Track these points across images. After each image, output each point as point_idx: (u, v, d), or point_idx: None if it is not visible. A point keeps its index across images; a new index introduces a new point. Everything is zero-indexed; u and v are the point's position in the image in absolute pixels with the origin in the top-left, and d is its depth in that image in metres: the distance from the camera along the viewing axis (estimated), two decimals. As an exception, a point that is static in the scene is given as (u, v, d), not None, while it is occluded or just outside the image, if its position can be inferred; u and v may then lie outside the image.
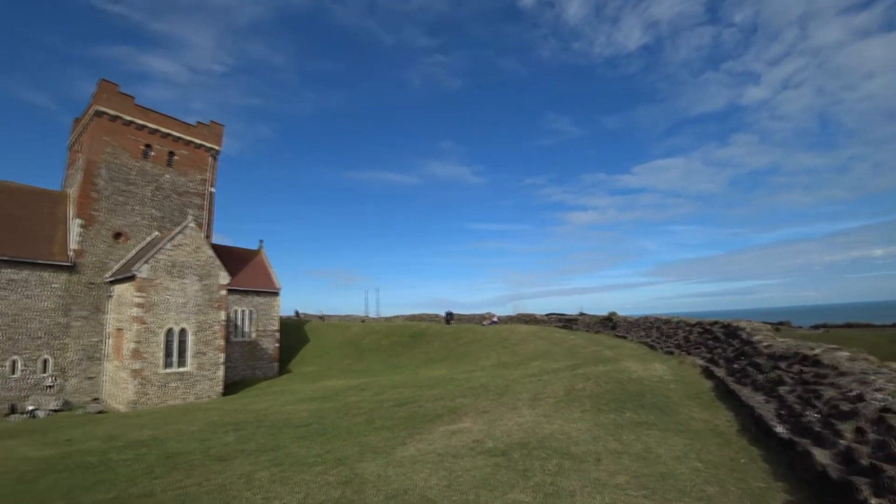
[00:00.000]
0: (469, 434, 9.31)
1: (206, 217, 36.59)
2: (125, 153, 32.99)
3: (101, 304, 30.89)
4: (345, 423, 12.41)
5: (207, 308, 28.28)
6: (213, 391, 27.90)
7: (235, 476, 7.83)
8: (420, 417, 11.80)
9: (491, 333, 35.68)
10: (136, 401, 25.10)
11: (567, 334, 33.32)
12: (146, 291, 25.99)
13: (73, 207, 31.80)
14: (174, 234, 27.75)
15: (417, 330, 40.50)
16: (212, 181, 37.65)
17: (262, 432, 12.53)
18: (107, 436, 15.05)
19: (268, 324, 38.40)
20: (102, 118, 32.21)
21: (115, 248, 31.86)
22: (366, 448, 8.92)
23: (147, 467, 9.66)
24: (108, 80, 32.81)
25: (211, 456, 10.03)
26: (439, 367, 28.88)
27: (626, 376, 15.46)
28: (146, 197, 33.73)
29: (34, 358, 28.37)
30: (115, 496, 7.48)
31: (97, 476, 9.25)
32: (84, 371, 30.13)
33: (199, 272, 28.18)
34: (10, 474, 10.10)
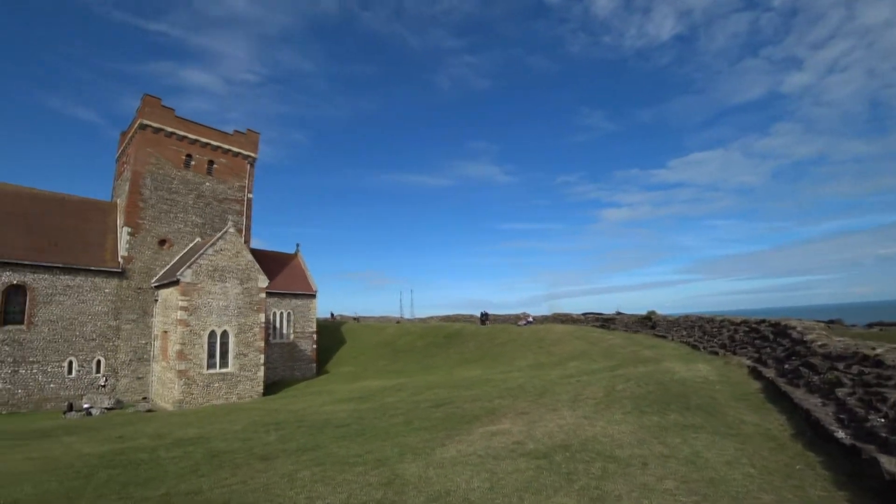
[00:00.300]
0: (509, 436, 9.18)
1: (245, 222, 37.66)
2: (168, 163, 34.36)
3: (149, 308, 32.25)
4: (383, 424, 12.47)
5: (248, 311, 29.06)
6: (254, 391, 28.63)
7: (278, 475, 7.96)
8: (458, 418, 11.73)
9: (527, 334, 35.35)
10: (181, 400, 26.00)
11: (605, 334, 32.67)
12: (190, 295, 26.91)
13: (121, 216, 33.35)
14: (215, 240, 28.64)
15: (452, 331, 40.52)
16: (249, 187, 38.72)
17: (303, 432, 12.72)
18: (155, 434, 15.60)
19: (305, 325, 39.17)
20: (146, 131, 33.64)
21: (161, 254, 33.22)
22: (405, 449, 8.92)
23: (194, 465, 9.92)
24: (151, 95, 34.31)
25: (254, 455, 10.23)
26: (475, 367, 28.77)
27: (669, 377, 14.99)
28: (188, 204, 35.03)
29: (89, 359, 29.88)
30: (164, 493, 7.70)
31: (148, 473, 9.56)
32: (134, 371, 31.49)
33: (239, 276, 29.00)
34: (69, 469, 10.55)
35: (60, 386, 28.70)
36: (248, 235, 37.82)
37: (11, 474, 10.50)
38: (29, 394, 27.68)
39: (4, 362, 27.16)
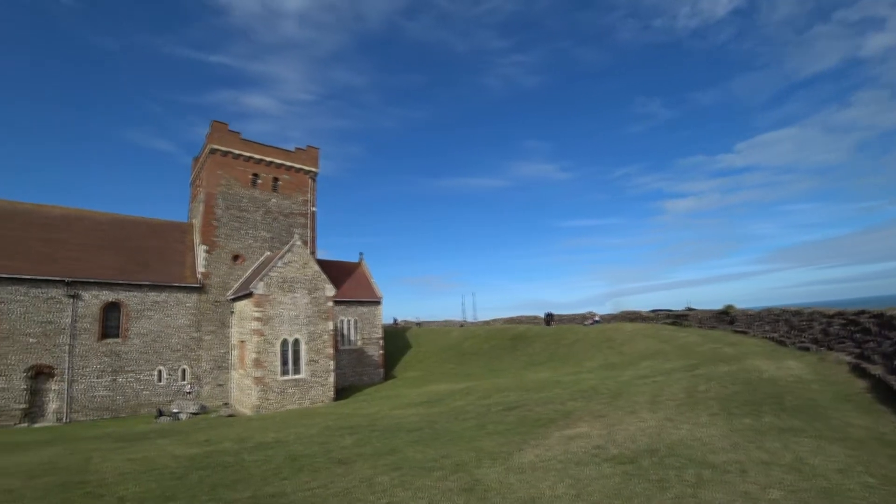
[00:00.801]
0: (588, 439, 8.83)
1: (310, 234, 39.11)
2: (237, 183, 36.38)
3: (226, 320, 34.18)
4: (456, 428, 12.39)
5: (317, 319, 30.07)
6: (326, 396, 29.53)
7: (358, 479, 8.04)
8: (532, 422, 11.46)
9: (594, 333, 34.31)
10: (259, 405, 27.24)
11: (677, 331, 31.12)
12: (263, 306, 28.20)
13: (198, 235, 35.64)
14: (283, 253, 29.88)
15: (517, 332, 40.04)
16: (312, 201, 40.19)
17: (377, 436, 12.88)
18: (238, 437, 16.35)
19: (372, 332, 40.03)
20: (216, 154, 35.81)
21: (234, 268, 35.17)
22: (482, 453, 8.77)
23: (276, 468, 10.26)
24: (219, 121, 36.51)
25: (332, 459, 10.45)
26: (543, 369, 28.23)
27: (756, 376, 13.98)
28: (257, 221, 36.89)
29: (175, 368, 32.07)
30: (251, 495, 7.97)
31: (235, 475, 9.98)
32: (215, 379, 33.44)
33: (307, 286, 30.08)
34: (165, 470, 11.24)
35: (152, 392, 30.99)
36: (314, 247, 39.21)
37: (118, 474, 11.34)
38: (126, 400, 30.09)
39: (105, 372, 29.73)
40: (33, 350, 27.76)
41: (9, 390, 26.80)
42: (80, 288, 29.53)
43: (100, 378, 29.49)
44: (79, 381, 28.85)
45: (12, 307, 27.51)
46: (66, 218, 33.13)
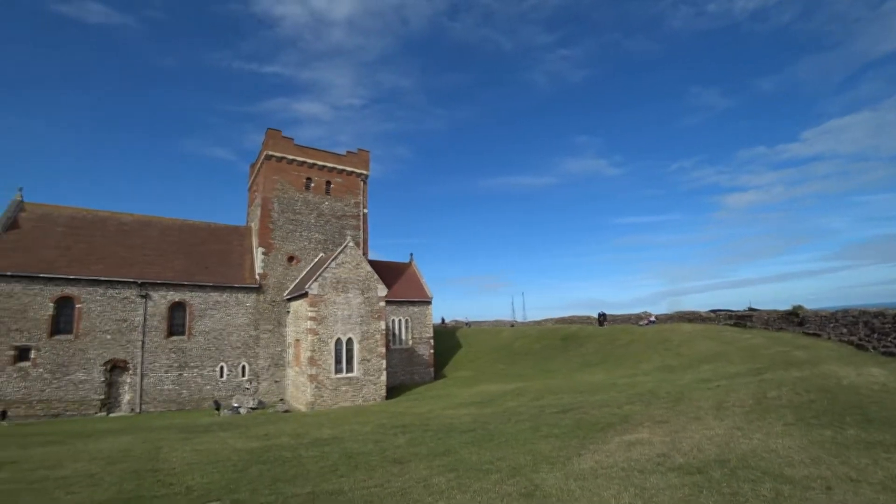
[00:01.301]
0: (650, 446, 8.44)
1: (362, 236, 39.90)
2: (291, 187, 37.64)
3: (282, 319, 35.40)
4: (510, 430, 12.21)
5: (369, 319, 30.61)
6: (378, 395, 29.98)
7: (413, 480, 8.04)
8: (589, 425, 11.11)
9: (650, 334, 33.09)
10: (313, 402, 28.00)
11: (740, 333, 29.51)
12: (317, 306, 28.98)
13: (255, 238, 37.14)
14: (337, 254, 30.61)
15: (569, 332, 39.22)
16: (364, 203, 40.98)
17: (430, 436, 12.89)
18: (294, 433, 16.81)
19: (422, 331, 40.34)
20: (271, 160, 37.20)
21: (290, 269, 36.39)
22: (538, 457, 8.57)
23: (332, 465, 10.44)
24: (273, 129, 37.92)
25: (387, 458, 10.52)
26: (596, 370, 27.48)
27: (835, 383, 12.97)
28: (311, 223, 38.01)
29: (235, 364, 33.52)
30: (310, 491, 8.13)
31: (293, 470, 10.24)
32: (272, 375, 34.70)
33: (360, 286, 30.68)
34: (227, 462, 11.70)
35: (214, 388, 32.56)
36: (366, 248, 39.96)
37: (185, 464, 11.92)
38: (191, 394, 31.76)
39: (172, 367, 31.52)
40: (110, 346, 29.86)
41: (89, 382, 28.97)
42: (150, 289, 31.47)
43: (167, 372, 31.31)
44: (149, 375, 30.75)
45: (92, 307, 29.69)
46: (138, 224, 35.41)
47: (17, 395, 27.11)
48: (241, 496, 8.03)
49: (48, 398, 27.85)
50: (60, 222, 32.36)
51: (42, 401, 27.68)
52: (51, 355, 28.29)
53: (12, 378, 27.17)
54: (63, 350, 28.66)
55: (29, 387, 27.46)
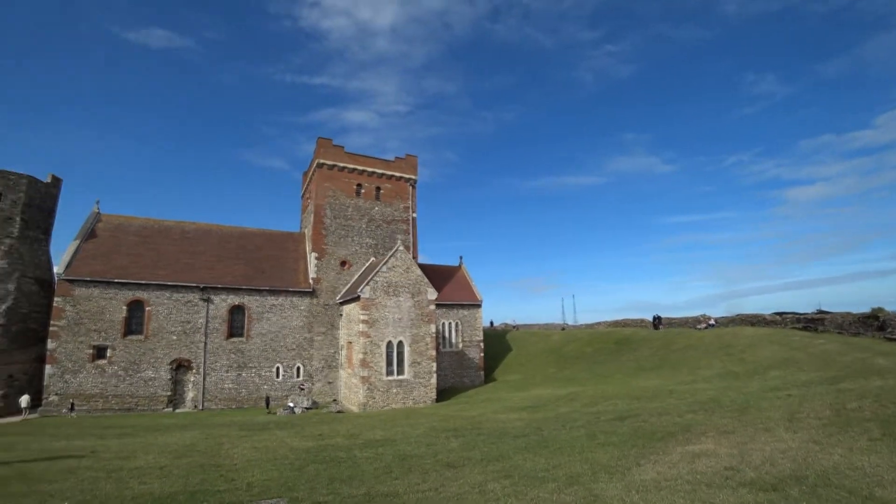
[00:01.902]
0: (716, 458, 7.97)
1: (412, 240, 40.37)
2: (342, 194, 38.66)
3: (335, 322, 36.29)
4: (564, 436, 11.90)
5: (419, 322, 30.86)
6: (428, 397, 30.12)
7: (468, 485, 7.94)
8: (648, 434, 10.65)
9: (709, 338, 31.53)
10: (365, 403, 28.47)
11: (811, 338, 27.61)
12: (369, 310, 29.51)
13: (309, 244, 38.36)
14: (387, 258, 31.09)
15: (622, 336, 38.00)
16: (413, 208, 41.46)
17: (483, 440, 12.76)
18: (348, 433, 17.11)
19: (472, 334, 40.27)
20: (323, 168, 38.37)
21: (342, 274, 37.33)
22: (596, 466, 8.27)
23: (386, 467, 10.50)
24: (324, 138, 39.17)
25: (440, 461, 10.48)
26: (652, 376, 26.45)
27: (928, 394, 11.83)
28: (361, 228, 38.86)
29: (291, 365, 34.68)
30: (365, 492, 8.19)
31: (348, 471, 10.38)
32: (325, 377, 35.61)
33: (410, 290, 31.01)
34: (285, 460, 12.03)
35: (271, 387, 33.79)
36: (415, 252, 40.40)
37: (245, 460, 12.37)
38: (249, 393, 33.10)
39: (232, 367, 32.99)
40: (175, 346, 31.66)
41: (157, 380, 30.85)
42: (212, 293, 33.14)
43: (227, 372, 32.81)
44: (211, 374, 32.34)
45: (160, 309, 31.57)
46: (200, 232, 37.42)
47: (95, 389, 29.36)
48: (298, 494, 8.20)
49: (122, 393, 29.94)
50: (132, 232, 34.72)
51: (116, 395, 29.79)
52: (124, 354, 30.38)
53: (91, 374, 29.44)
54: (135, 349, 30.69)
55: (105, 382, 29.67)
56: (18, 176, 30.58)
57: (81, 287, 29.94)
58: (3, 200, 29.70)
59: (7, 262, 29.23)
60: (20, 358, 29.23)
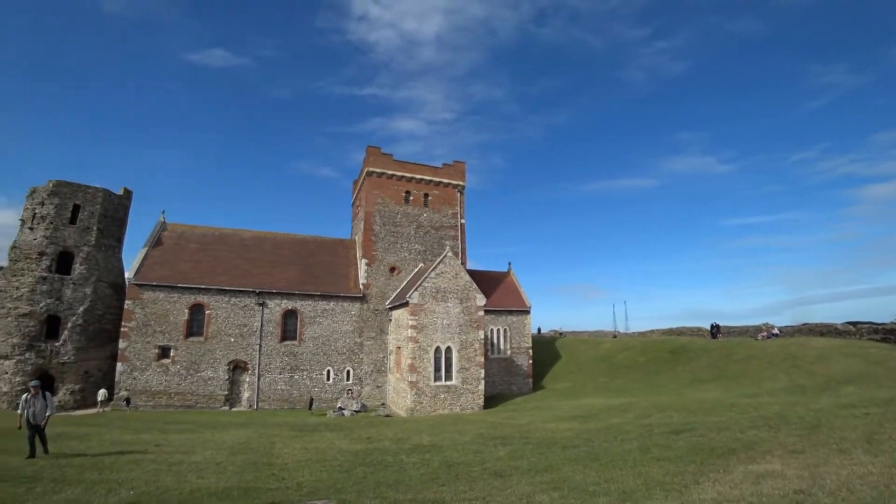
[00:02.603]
0: (784, 481, 7.39)
1: (460, 246, 40.46)
2: (391, 201, 39.31)
3: (384, 327, 36.81)
4: (615, 448, 11.46)
5: (468, 328, 30.78)
6: (475, 404, 29.91)
7: (516, 496, 7.76)
8: (706, 450, 10.06)
9: (772, 349, 29.66)
10: (413, 408, 28.60)
11: (891, 350, 25.50)
12: (417, 315, 29.72)
13: (359, 250, 39.23)
14: (436, 265, 31.25)
15: (677, 345, 36.36)
16: (461, 214, 41.58)
17: (531, 450, 12.49)
18: (395, 438, 17.20)
19: (521, 341, 39.77)
20: (372, 176, 39.19)
21: (391, 280, 37.86)
22: (650, 482, 7.88)
23: (433, 473, 10.46)
24: (373, 146, 40.01)
25: (487, 469, 10.33)
26: (710, 388, 25.14)
27: None
28: (410, 235, 39.31)
29: (341, 369, 35.41)
30: (412, 498, 8.16)
31: (395, 475, 10.41)
32: (374, 381, 36.12)
33: (459, 296, 31.01)
34: (334, 462, 12.23)
35: (322, 390, 34.63)
36: (464, 258, 40.43)
37: (295, 460, 12.69)
38: (301, 394, 34.07)
39: (285, 369, 34.09)
40: (233, 348, 33.09)
41: (216, 379, 32.33)
42: (267, 297, 34.45)
43: (281, 374, 33.94)
44: (265, 376, 33.55)
45: (219, 313, 33.13)
46: (256, 239, 39.09)
47: (159, 386, 31.25)
48: (346, 497, 8.28)
49: (183, 391, 31.68)
50: (193, 239, 36.73)
51: (178, 393, 31.54)
52: (186, 354, 32.09)
53: (156, 372, 31.33)
54: (195, 350, 32.34)
55: (168, 380, 31.50)
56: (95, 190, 32.97)
57: (149, 291, 31.93)
58: (81, 212, 32.15)
59: (85, 267, 31.56)
60: (95, 355, 31.49)
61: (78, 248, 31.58)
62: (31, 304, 29.47)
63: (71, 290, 30.81)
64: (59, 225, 31.27)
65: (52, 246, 30.80)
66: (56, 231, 31.09)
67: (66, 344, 30.04)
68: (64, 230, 31.41)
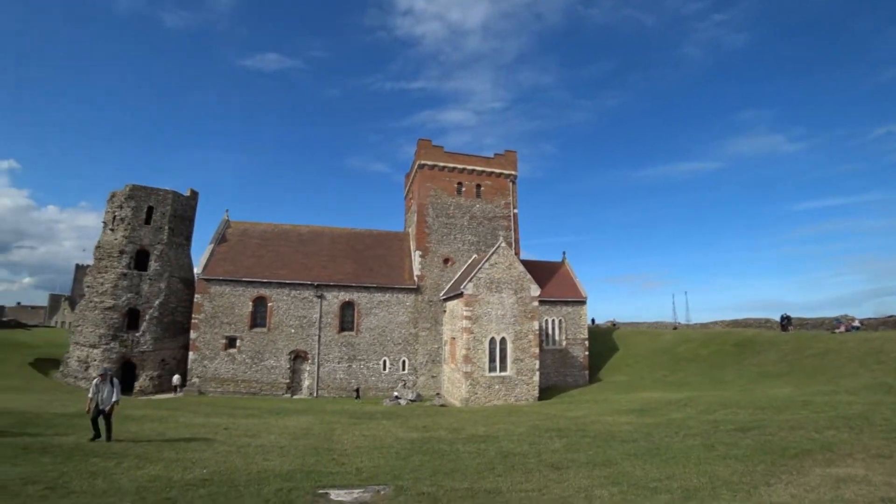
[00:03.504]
0: (869, 487, 6.86)
1: (514, 236, 40.12)
2: (444, 193, 39.46)
3: (438, 318, 37.18)
4: (677, 445, 11.04)
5: (522, 318, 30.54)
6: (530, 395, 29.70)
7: (573, 489, 7.66)
8: (777, 450, 9.49)
9: (852, 343, 27.47)
10: (467, 398, 28.78)
11: None
12: (472, 306, 29.80)
13: (413, 242, 39.71)
14: (490, 255, 31.15)
15: (743, 338, 34.40)
16: (514, 203, 41.17)
17: (588, 443, 12.28)
18: (451, 427, 17.38)
19: (577, 332, 39.06)
20: (424, 169, 39.48)
21: (445, 271, 38.13)
22: (716, 480, 7.53)
23: (488, 463, 10.50)
24: (424, 139, 40.28)
25: (543, 461, 10.25)
26: (780, 384, 23.66)
27: None
28: (463, 226, 39.37)
29: (396, 359, 36.15)
30: (468, 486, 8.24)
31: (451, 464, 10.54)
32: (429, 371, 36.62)
33: (513, 286, 30.81)
34: (391, 449, 12.53)
35: (378, 379, 35.55)
36: (518, 248, 40.05)
37: (354, 446, 13.12)
38: (358, 383, 35.09)
39: (343, 359, 35.24)
40: (293, 338, 34.58)
41: (278, 368, 33.97)
42: (325, 290, 35.69)
43: (339, 363, 35.12)
44: (324, 365, 34.84)
45: (280, 305, 34.69)
46: (313, 234, 40.48)
47: (227, 374, 33.31)
48: (404, 483, 8.47)
49: (248, 379, 33.53)
50: (255, 235, 38.59)
51: (244, 381, 33.40)
52: (250, 344, 33.88)
53: (224, 361, 33.36)
54: (259, 340, 34.06)
55: (235, 369, 33.47)
56: (165, 192, 35.44)
57: (216, 285, 33.91)
58: (154, 213, 34.75)
59: (159, 264, 34.02)
60: (170, 345, 33.91)
61: (152, 246, 34.11)
62: (114, 298, 32.24)
63: (147, 285, 33.40)
64: (135, 225, 33.99)
65: (131, 245, 33.51)
66: (133, 231, 33.81)
67: (144, 334, 32.61)
68: (140, 230, 34.11)
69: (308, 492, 7.63)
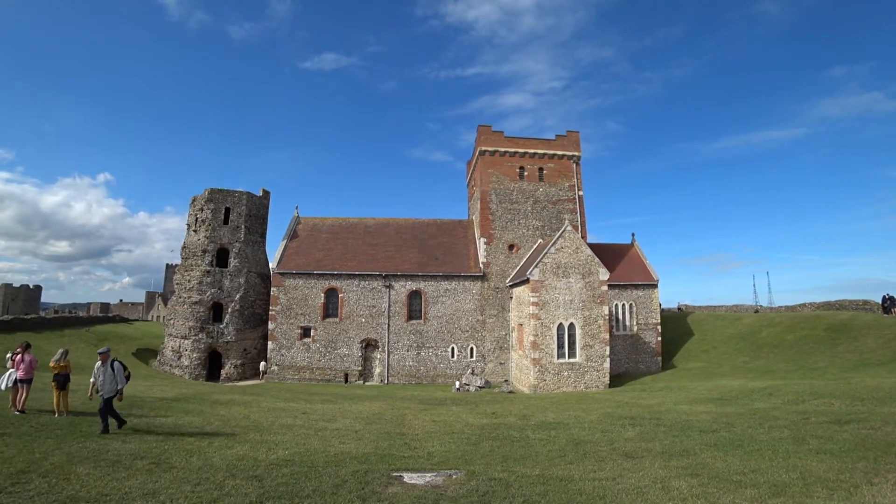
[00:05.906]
0: None
1: (579, 219, 39.13)
2: (506, 178, 39.18)
3: (505, 304, 37.15)
4: (762, 436, 10.43)
5: (591, 303, 29.85)
6: (600, 382, 29.05)
7: (649, 479, 7.46)
8: (881, 446, 8.71)
9: (975, 329, 24.50)
10: (536, 385, 28.62)
11: None
12: (538, 292, 29.49)
13: (477, 230, 39.82)
14: (555, 239, 30.60)
15: (836, 321, 31.59)
16: (578, 185, 40.07)
17: (663, 432, 11.88)
18: (520, 414, 17.39)
19: (648, 317, 37.63)
20: (485, 155, 39.33)
21: (510, 257, 37.97)
22: (808, 476, 7.04)
23: (559, 450, 10.44)
24: (483, 125, 39.99)
25: (616, 450, 10.05)
26: (882, 372, 21.60)
27: None
28: (527, 211, 38.91)
29: (464, 346, 36.60)
30: (540, 473, 8.24)
31: (522, 450, 10.59)
32: (497, 358, 36.77)
33: (580, 271, 30.15)
34: (461, 435, 12.77)
35: (447, 366, 36.17)
36: (584, 231, 39.03)
37: (425, 432, 13.48)
38: (427, 370, 35.93)
39: (412, 347, 36.16)
40: (364, 327, 35.98)
41: (350, 356, 35.57)
42: (392, 280, 36.72)
43: (408, 351, 36.09)
44: (394, 353, 35.94)
45: (350, 295, 36.16)
46: (379, 225, 41.65)
47: (303, 362, 35.52)
48: (475, 468, 8.62)
49: (323, 367, 35.45)
50: (324, 230, 40.37)
51: (319, 368, 35.38)
52: (324, 333, 35.71)
53: (300, 350, 35.53)
54: (332, 330, 35.79)
55: (310, 357, 35.55)
56: (241, 193, 38.12)
57: (290, 278, 35.97)
58: (231, 213, 37.57)
59: (238, 261, 36.66)
60: (250, 336, 36.54)
61: (231, 244, 36.83)
62: (199, 293, 35.22)
63: (228, 280, 36.14)
64: (215, 226, 36.88)
65: (212, 244, 36.45)
66: (214, 231, 36.70)
67: (228, 326, 35.37)
68: (219, 230, 36.98)
69: (383, 474, 7.95)
